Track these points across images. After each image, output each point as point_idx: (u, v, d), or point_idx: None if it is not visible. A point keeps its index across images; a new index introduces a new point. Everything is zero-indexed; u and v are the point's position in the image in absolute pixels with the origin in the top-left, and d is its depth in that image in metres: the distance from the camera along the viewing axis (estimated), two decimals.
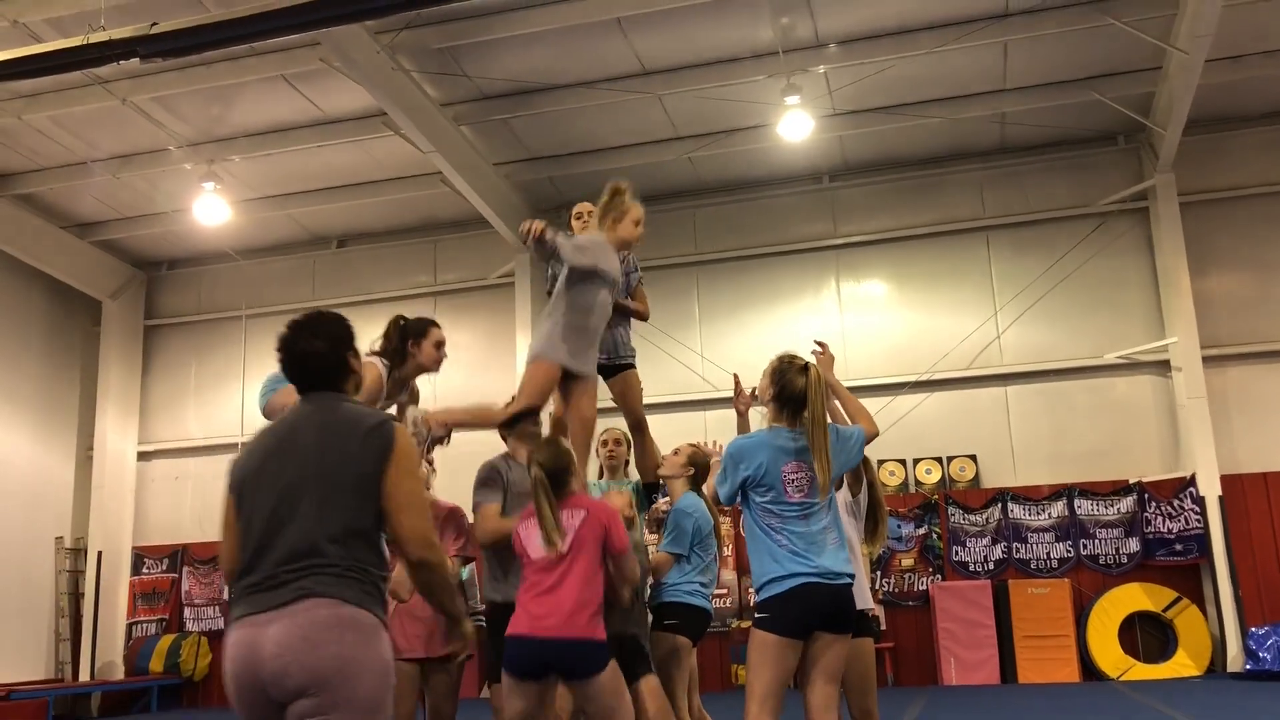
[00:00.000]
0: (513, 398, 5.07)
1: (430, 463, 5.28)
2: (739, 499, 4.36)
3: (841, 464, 4.36)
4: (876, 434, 4.53)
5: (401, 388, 5.10)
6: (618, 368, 5.57)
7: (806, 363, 4.40)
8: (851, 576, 4.25)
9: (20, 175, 13.53)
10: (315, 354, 3.05)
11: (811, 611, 4.12)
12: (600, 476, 5.79)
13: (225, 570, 2.97)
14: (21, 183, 13.59)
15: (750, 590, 12.75)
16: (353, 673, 2.69)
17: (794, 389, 4.30)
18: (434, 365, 5.17)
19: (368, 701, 2.71)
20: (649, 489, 5.65)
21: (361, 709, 2.69)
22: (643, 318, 5.72)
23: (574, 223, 5.81)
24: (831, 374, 4.80)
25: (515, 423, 4.83)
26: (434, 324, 5.23)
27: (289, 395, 4.74)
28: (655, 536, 5.66)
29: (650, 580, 5.35)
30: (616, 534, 4.33)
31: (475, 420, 5.07)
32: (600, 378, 5.48)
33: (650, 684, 4.83)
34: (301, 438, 2.93)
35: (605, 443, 5.77)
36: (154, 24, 8.80)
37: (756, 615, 4.25)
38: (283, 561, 2.77)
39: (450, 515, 5.55)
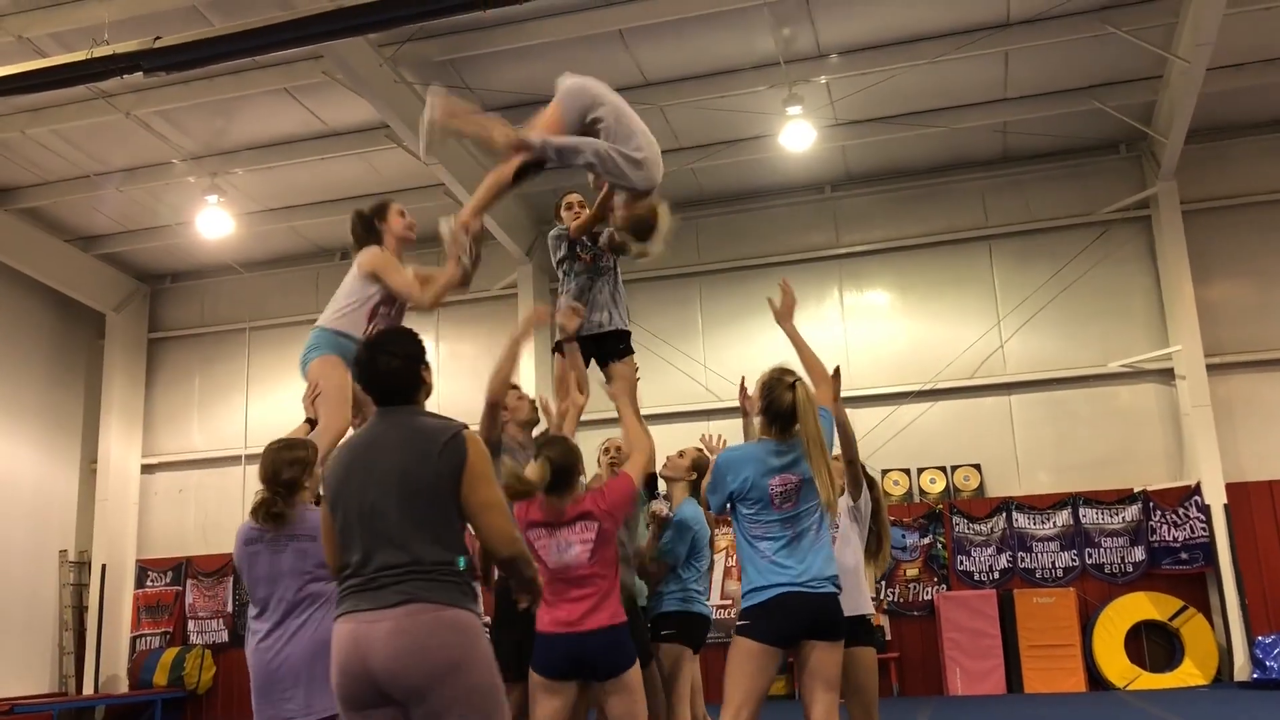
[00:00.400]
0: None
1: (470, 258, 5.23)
2: (727, 509, 4.39)
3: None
4: (836, 399, 4.64)
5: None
6: (609, 344, 5.53)
7: (796, 379, 4.40)
8: (835, 581, 4.23)
9: (24, 189, 13.56)
10: (392, 371, 3.27)
11: (793, 620, 4.14)
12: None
13: (331, 569, 3.32)
14: (25, 196, 13.63)
15: None
16: (466, 669, 2.98)
17: (781, 404, 4.31)
18: (409, 232, 5.32)
19: (482, 694, 3.01)
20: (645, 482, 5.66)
21: (482, 698, 3.00)
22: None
23: (563, 212, 5.90)
24: (790, 322, 4.93)
25: (524, 174, 5.02)
26: (388, 201, 5.38)
27: (322, 367, 4.79)
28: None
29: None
30: (625, 509, 4.46)
31: (494, 191, 5.14)
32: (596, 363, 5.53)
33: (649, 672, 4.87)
34: (384, 454, 3.18)
35: (607, 450, 5.78)
36: (157, 38, 8.84)
37: (738, 623, 4.28)
38: (383, 567, 3.05)
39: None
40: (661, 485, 5.85)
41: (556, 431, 5.06)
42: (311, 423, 4.70)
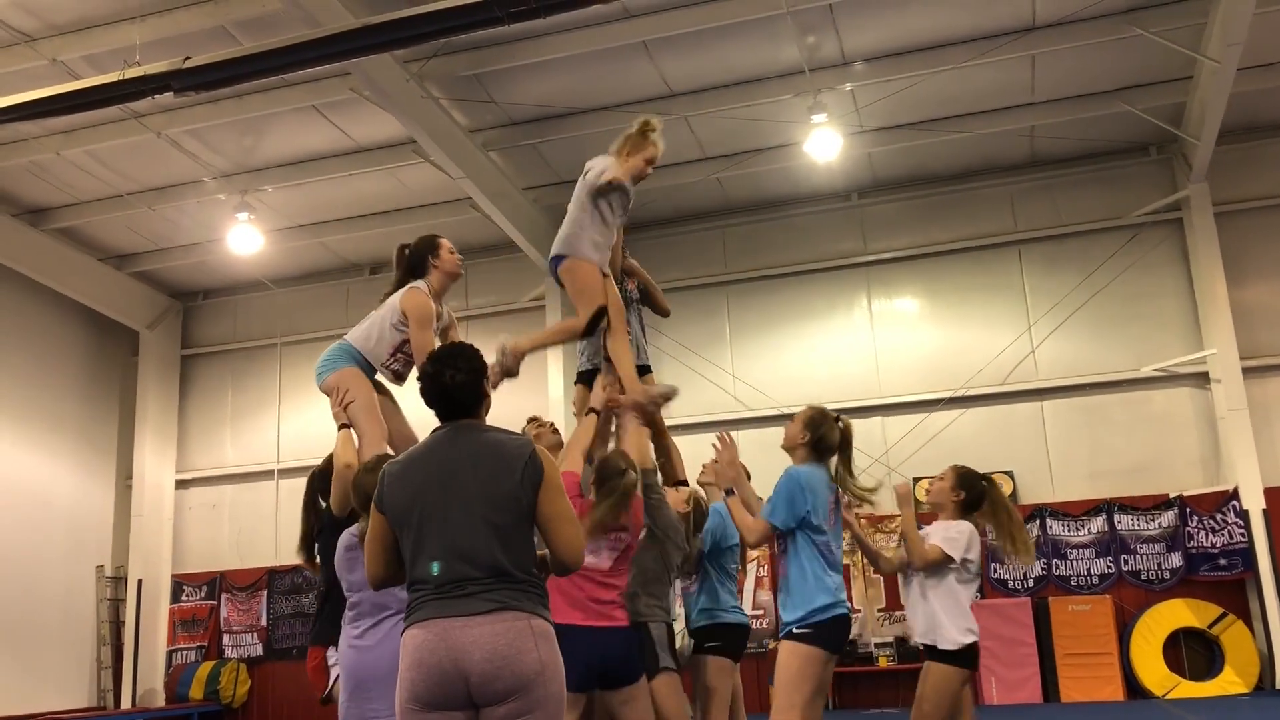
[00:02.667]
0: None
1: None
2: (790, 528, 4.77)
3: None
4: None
5: (439, 301, 5.20)
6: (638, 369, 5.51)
7: (839, 415, 5.00)
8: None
9: (59, 209, 13.76)
10: (459, 386, 3.39)
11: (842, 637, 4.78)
12: None
13: (372, 577, 3.46)
14: (60, 216, 13.83)
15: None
16: (550, 676, 3.15)
17: (830, 440, 4.91)
18: (457, 269, 5.28)
19: (559, 698, 3.18)
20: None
21: (556, 705, 3.16)
22: (662, 311, 5.69)
23: None
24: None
25: (596, 324, 4.94)
26: (438, 236, 5.34)
27: (344, 377, 4.87)
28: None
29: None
30: (639, 520, 4.63)
31: (559, 336, 5.23)
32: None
33: (665, 682, 4.83)
34: (462, 469, 3.29)
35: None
36: (187, 58, 8.95)
37: (798, 631, 4.67)
38: (470, 576, 3.17)
39: None
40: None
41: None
42: (346, 427, 4.77)
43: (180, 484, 15.79)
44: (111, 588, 15.23)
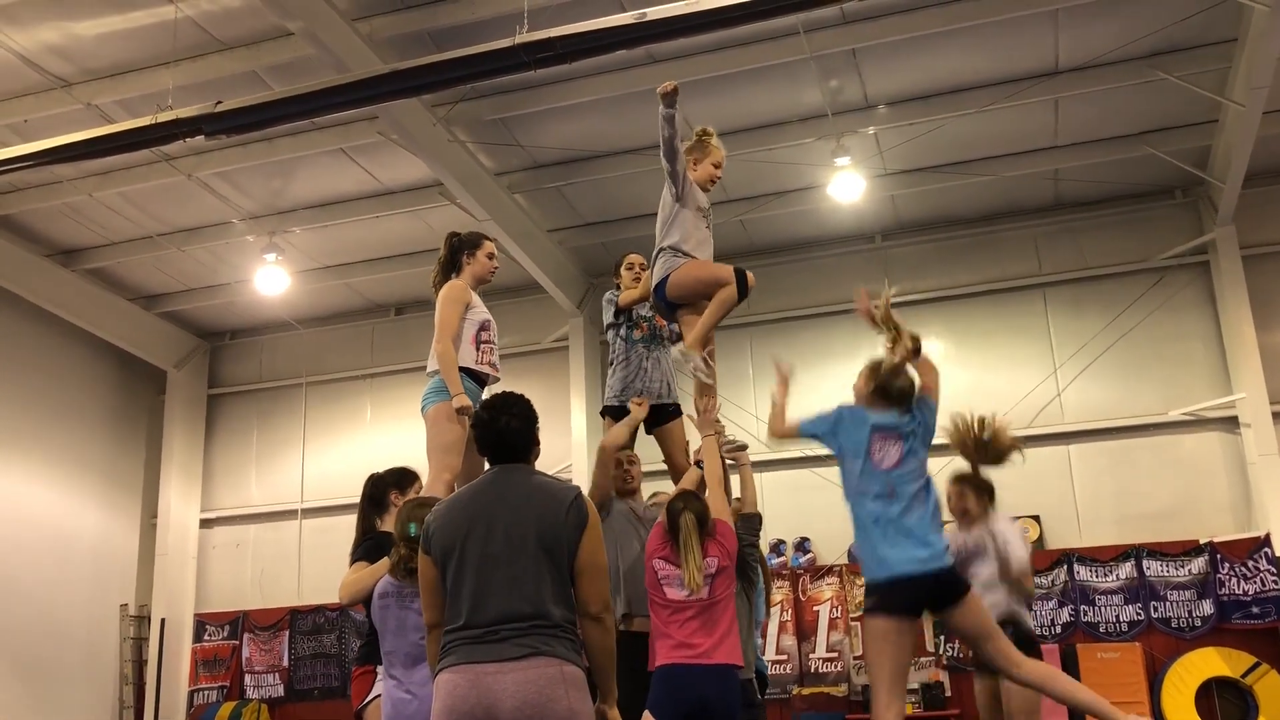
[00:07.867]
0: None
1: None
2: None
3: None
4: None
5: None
6: (665, 412, 5.60)
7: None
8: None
9: (90, 250, 13.95)
10: (513, 431, 3.47)
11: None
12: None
13: (430, 624, 3.48)
14: (91, 257, 14.02)
15: (811, 655, 12.54)
16: None
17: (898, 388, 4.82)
18: (488, 275, 5.32)
19: None
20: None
21: None
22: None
23: (624, 272, 5.91)
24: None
25: (744, 281, 5.21)
26: (486, 237, 5.38)
27: (438, 413, 4.86)
28: None
29: None
30: (735, 548, 4.68)
31: (719, 312, 5.24)
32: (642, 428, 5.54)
33: None
34: (508, 510, 3.34)
35: (619, 462, 5.79)
36: (218, 102, 9.09)
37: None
38: (504, 620, 3.19)
39: None
40: None
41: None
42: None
43: (205, 523, 15.83)
44: (135, 626, 15.25)
